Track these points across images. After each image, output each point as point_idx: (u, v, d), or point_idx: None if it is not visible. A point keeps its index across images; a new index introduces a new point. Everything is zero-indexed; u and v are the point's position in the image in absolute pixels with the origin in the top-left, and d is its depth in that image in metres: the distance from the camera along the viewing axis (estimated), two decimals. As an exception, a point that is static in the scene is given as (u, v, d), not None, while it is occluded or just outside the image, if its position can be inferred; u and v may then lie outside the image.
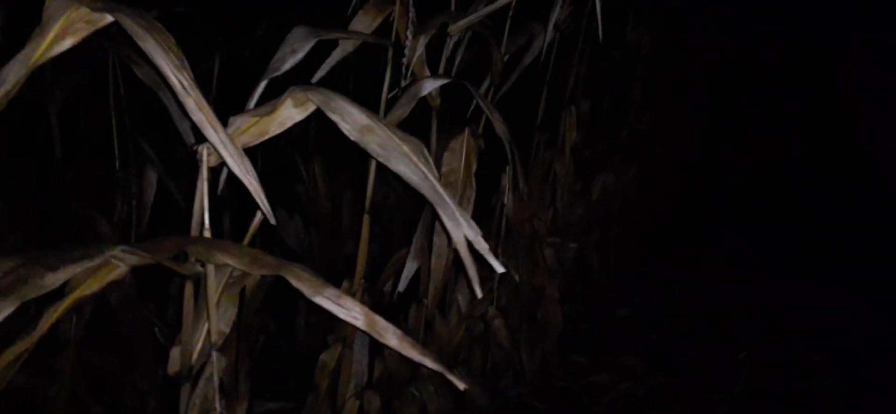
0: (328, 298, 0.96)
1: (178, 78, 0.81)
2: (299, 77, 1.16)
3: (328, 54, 1.29)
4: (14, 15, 1.63)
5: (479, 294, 1.05)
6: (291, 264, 0.97)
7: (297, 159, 2.46)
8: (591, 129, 2.58)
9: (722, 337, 2.92)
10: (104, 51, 1.73)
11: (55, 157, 1.72)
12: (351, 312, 0.96)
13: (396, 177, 1.64)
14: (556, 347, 2.58)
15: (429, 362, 0.98)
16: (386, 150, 0.94)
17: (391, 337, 0.97)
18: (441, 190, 0.94)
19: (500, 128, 1.58)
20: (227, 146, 0.89)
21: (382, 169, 1.62)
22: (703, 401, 2.55)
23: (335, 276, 1.68)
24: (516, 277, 2.30)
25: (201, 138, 0.95)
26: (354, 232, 2.67)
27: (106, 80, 1.79)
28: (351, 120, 0.95)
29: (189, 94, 0.82)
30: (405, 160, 0.94)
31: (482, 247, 0.96)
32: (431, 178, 0.94)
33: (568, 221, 2.61)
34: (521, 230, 2.36)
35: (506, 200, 2.19)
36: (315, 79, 1.29)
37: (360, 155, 1.90)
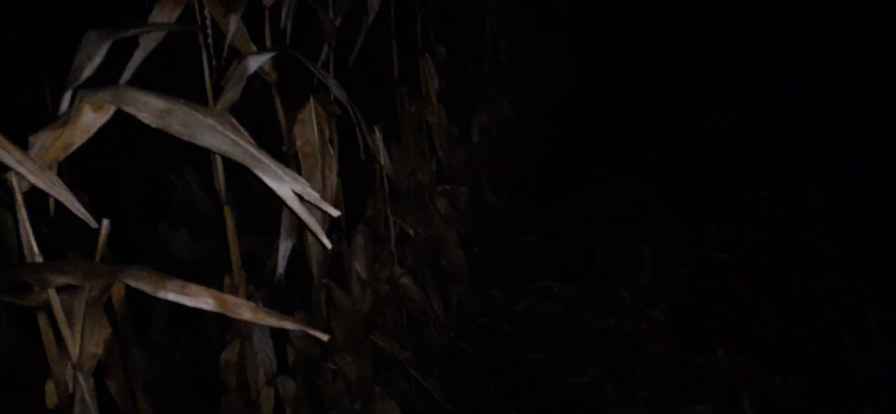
0: (173, 291, 0.95)
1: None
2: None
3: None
4: None
5: (328, 244, 1.06)
6: (128, 268, 0.96)
7: (165, 170, 2.41)
8: (453, 72, 2.62)
9: (622, 238, 3.05)
10: None
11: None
12: (198, 299, 0.96)
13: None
14: (470, 288, 2.64)
15: (288, 324, 0.99)
16: (189, 127, 0.94)
17: (245, 311, 0.98)
18: (256, 151, 0.94)
19: (339, 93, 1.59)
20: (25, 165, 0.87)
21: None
22: (615, 299, 2.67)
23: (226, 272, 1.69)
24: (411, 232, 2.34)
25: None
26: (242, 229, 2.65)
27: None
28: (148, 108, 0.94)
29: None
30: (212, 132, 0.94)
31: (312, 196, 0.98)
32: (242, 142, 0.94)
33: (453, 167, 2.65)
34: (406, 186, 2.40)
35: (383, 161, 2.21)
36: (122, 82, 1.27)
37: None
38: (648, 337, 2.46)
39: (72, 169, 1.31)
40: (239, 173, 1.68)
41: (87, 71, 1.11)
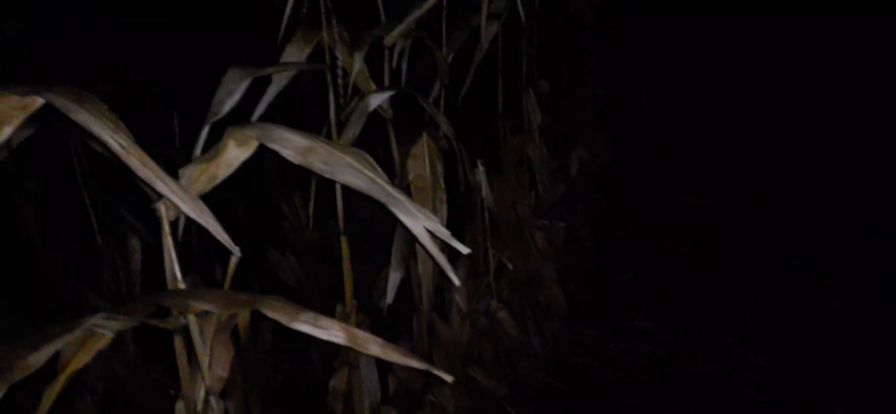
0: (306, 323, 0.99)
1: (117, 140, 0.84)
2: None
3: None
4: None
5: (456, 281, 1.08)
6: (266, 298, 1.00)
7: (277, 197, 2.49)
8: (553, 106, 2.62)
9: (720, 276, 2.94)
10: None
11: (33, 243, 1.76)
12: (330, 331, 0.99)
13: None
14: (565, 324, 2.61)
15: (415, 363, 1.01)
16: (330, 165, 0.97)
17: (374, 347, 1.00)
18: (391, 189, 0.97)
19: (446, 129, 1.62)
20: (178, 195, 0.92)
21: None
22: (716, 345, 2.57)
23: (334, 302, 1.73)
24: (510, 266, 2.33)
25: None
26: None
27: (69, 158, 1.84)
28: (291, 146, 0.99)
29: (130, 154, 0.85)
30: (350, 170, 0.97)
31: (443, 234, 1.00)
32: (379, 180, 0.97)
33: (551, 202, 2.64)
34: (505, 219, 2.40)
35: (484, 194, 2.23)
36: (254, 117, 1.33)
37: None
38: (752, 387, 2.36)
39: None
40: (349, 205, 1.74)
41: (228, 106, 1.17)
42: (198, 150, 1.22)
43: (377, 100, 1.49)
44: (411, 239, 1.84)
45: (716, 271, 3.00)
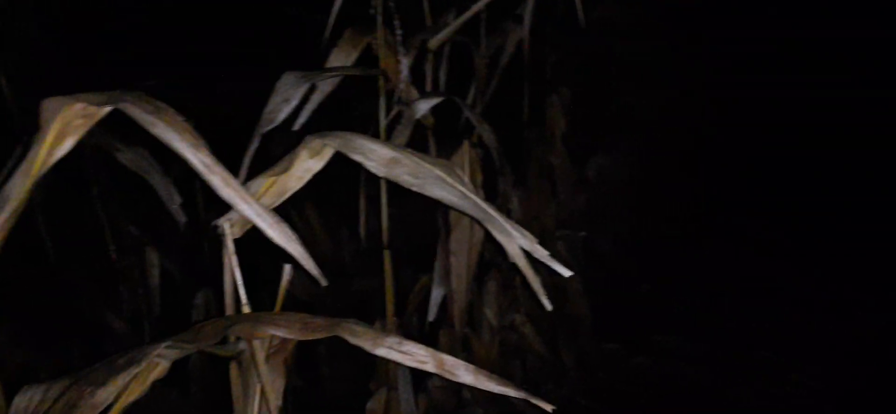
0: (391, 348, 0.90)
1: (199, 157, 0.75)
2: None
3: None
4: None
5: (549, 306, 1.00)
6: (344, 322, 0.92)
7: (288, 207, 2.39)
8: (575, 114, 2.55)
9: (747, 292, 2.88)
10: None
11: (48, 260, 1.65)
12: (417, 356, 0.90)
13: (396, 205, 1.60)
14: (589, 339, 2.54)
15: (511, 392, 0.92)
16: (418, 178, 0.89)
17: (465, 374, 0.92)
18: (485, 205, 0.89)
19: (488, 139, 1.55)
20: (263, 217, 0.84)
21: (375, 200, 1.59)
22: (745, 360, 2.51)
23: (351, 316, 1.64)
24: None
25: (207, 212, 0.90)
26: (359, 269, 2.62)
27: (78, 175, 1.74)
28: (375, 156, 0.90)
29: (213, 172, 0.76)
30: (441, 184, 0.89)
31: (541, 254, 0.92)
32: (472, 195, 0.89)
33: (572, 211, 2.57)
34: (531, 230, 2.32)
35: (511, 204, 2.16)
36: (297, 125, 1.25)
37: (350, 190, 1.86)
38: (784, 404, 2.30)
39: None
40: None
41: (284, 114, 1.09)
42: (246, 161, 1.13)
43: (425, 107, 1.41)
44: (448, 254, 1.77)
45: (740, 286, 2.93)
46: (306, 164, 0.94)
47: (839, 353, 2.54)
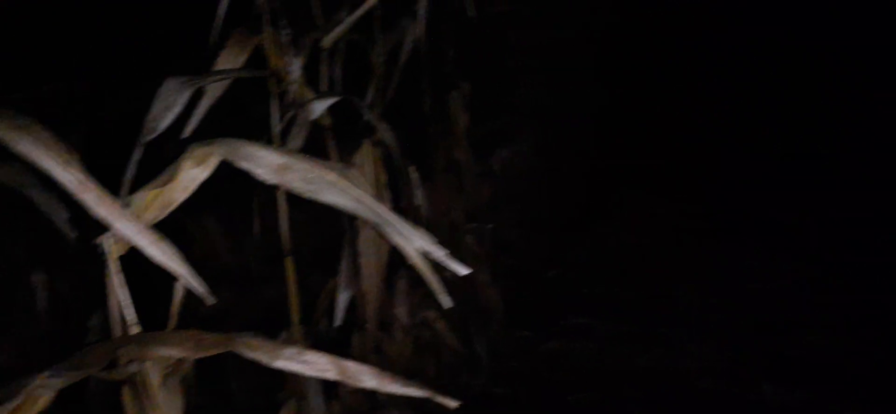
0: (289, 360, 0.88)
1: (70, 175, 0.70)
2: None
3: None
4: None
5: (447, 304, 1.00)
6: (239, 336, 0.88)
7: (185, 221, 2.30)
8: (477, 107, 2.57)
9: (652, 269, 2.98)
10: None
11: None
12: (317, 365, 0.88)
13: (301, 208, 1.57)
14: (501, 328, 2.57)
15: (415, 392, 0.92)
16: (311, 184, 0.87)
17: (368, 379, 0.91)
18: (380, 209, 0.88)
19: (388, 138, 1.54)
20: (142, 235, 0.79)
21: (273, 206, 1.55)
22: (656, 336, 2.60)
23: (260, 325, 1.60)
24: (446, 275, 2.26)
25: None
26: (266, 278, 2.56)
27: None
28: (265, 163, 0.87)
29: (87, 189, 0.71)
30: (334, 189, 0.87)
31: (439, 255, 0.91)
32: (367, 199, 0.87)
33: (479, 204, 2.60)
34: (440, 225, 2.33)
35: (418, 201, 2.15)
36: (187, 132, 1.20)
37: (250, 198, 1.81)
38: (692, 374, 2.39)
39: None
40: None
41: (167, 121, 1.04)
42: (129, 173, 1.08)
43: (321, 107, 1.38)
44: (356, 255, 1.75)
45: (649, 263, 3.02)
46: (191, 174, 0.90)
47: (737, 323, 2.67)
